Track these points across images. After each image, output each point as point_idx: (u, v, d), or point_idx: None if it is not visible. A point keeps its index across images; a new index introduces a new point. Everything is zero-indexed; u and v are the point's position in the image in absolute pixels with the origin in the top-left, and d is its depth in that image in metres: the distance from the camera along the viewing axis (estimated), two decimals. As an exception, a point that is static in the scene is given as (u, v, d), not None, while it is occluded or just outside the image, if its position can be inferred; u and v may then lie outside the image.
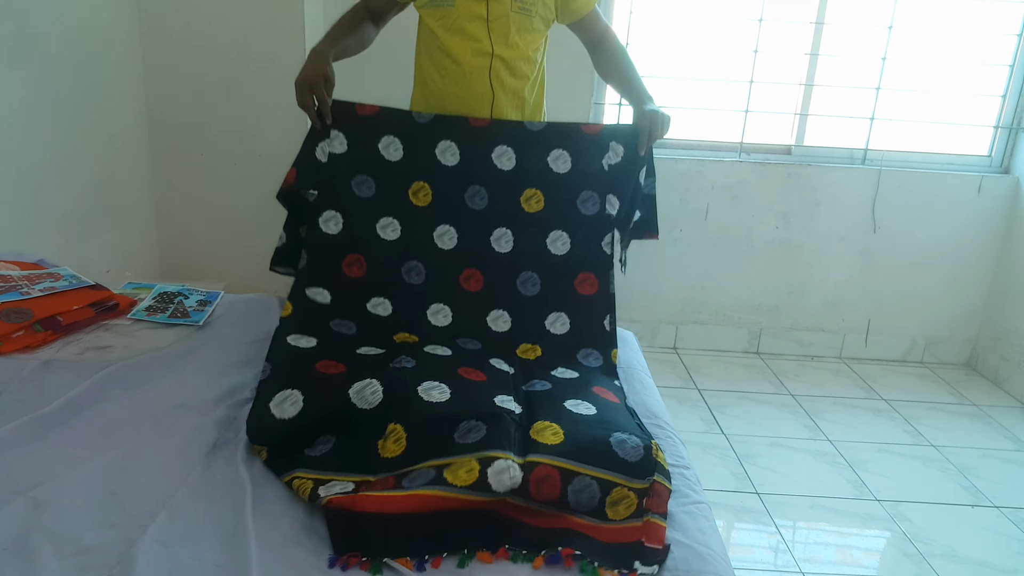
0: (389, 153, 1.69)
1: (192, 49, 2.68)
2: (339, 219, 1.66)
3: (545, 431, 1.22)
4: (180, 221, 2.88)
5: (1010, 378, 3.09)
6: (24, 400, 1.32)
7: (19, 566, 0.93)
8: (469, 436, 1.20)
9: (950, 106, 3.17)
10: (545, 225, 1.71)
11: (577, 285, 1.71)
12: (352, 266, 1.66)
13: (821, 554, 1.98)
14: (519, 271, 1.70)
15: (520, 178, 1.71)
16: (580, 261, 1.71)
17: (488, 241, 1.70)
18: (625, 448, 1.20)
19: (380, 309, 1.64)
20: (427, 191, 1.70)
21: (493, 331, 1.65)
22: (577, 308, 1.69)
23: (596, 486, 1.14)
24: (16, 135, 2.08)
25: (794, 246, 3.24)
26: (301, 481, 1.15)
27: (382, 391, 1.31)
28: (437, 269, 1.69)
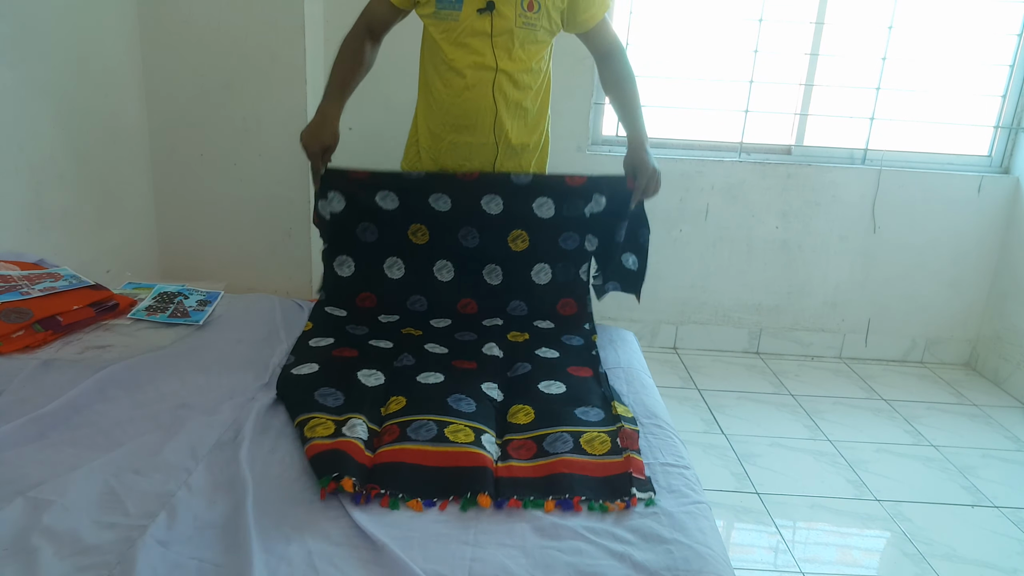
0: (386, 204, 1.85)
1: (192, 49, 2.68)
2: (350, 263, 1.88)
3: (518, 413, 1.40)
4: (180, 221, 2.88)
5: (1010, 378, 3.09)
6: (24, 400, 1.32)
7: (19, 566, 0.93)
8: (461, 405, 1.39)
9: (950, 106, 3.17)
10: (530, 260, 1.88)
11: (560, 308, 1.89)
12: (365, 300, 1.87)
13: (821, 554, 1.98)
14: (508, 300, 1.89)
15: (507, 220, 1.86)
16: (560, 289, 1.88)
17: (481, 274, 1.89)
18: (588, 415, 1.40)
19: (389, 318, 1.84)
20: (424, 231, 1.86)
21: (487, 327, 1.82)
22: (561, 324, 1.86)
23: (568, 435, 1.31)
24: (16, 135, 2.08)
25: (794, 246, 3.24)
26: (320, 421, 1.30)
27: (384, 379, 1.48)
28: (437, 300, 1.88)
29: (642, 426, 1.47)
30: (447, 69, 1.80)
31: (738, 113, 3.14)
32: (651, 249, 1.91)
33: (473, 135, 1.85)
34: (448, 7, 1.74)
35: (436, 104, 1.86)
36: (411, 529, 1.08)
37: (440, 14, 1.75)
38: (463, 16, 1.73)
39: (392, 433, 1.29)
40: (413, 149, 1.98)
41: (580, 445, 1.29)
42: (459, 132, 1.86)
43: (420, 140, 1.95)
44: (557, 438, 1.31)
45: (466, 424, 1.32)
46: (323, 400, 1.38)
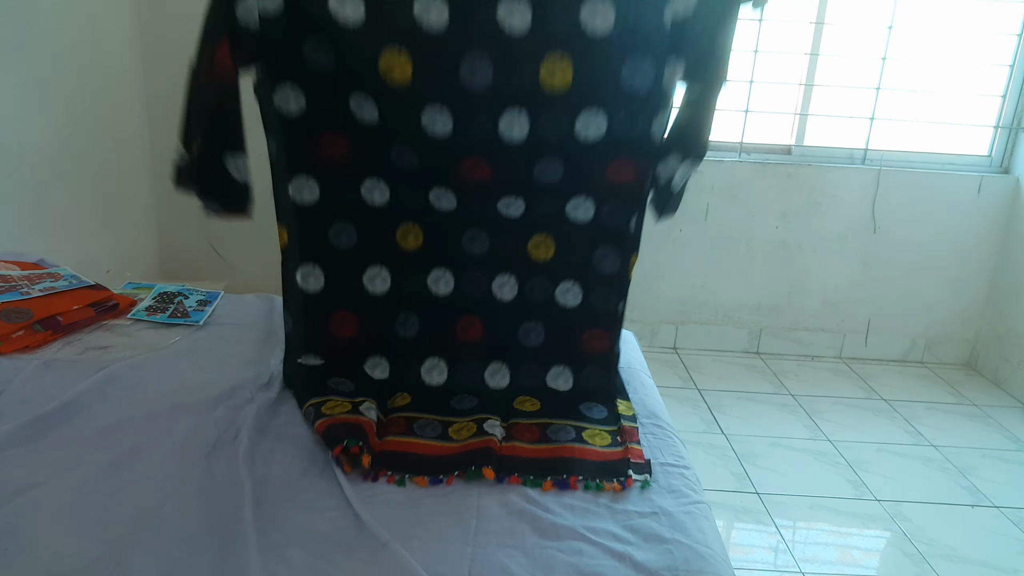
0: (345, 12, 1.24)
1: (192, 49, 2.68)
2: (299, 94, 1.30)
3: (525, 403, 1.42)
4: (180, 221, 2.88)
5: (1010, 378, 3.09)
6: (24, 400, 1.33)
7: (18, 566, 0.93)
8: (464, 404, 1.40)
9: (950, 106, 3.17)
10: (574, 106, 1.30)
11: (610, 173, 1.35)
12: (332, 146, 1.34)
13: (821, 554, 1.98)
14: (536, 159, 1.34)
15: (539, 42, 1.25)
16: (616, 146, 1.34)
17: (496, 129, 1.31)
18: (591, 411, 1.41)
19: (377, 196, 1.40)
20: (405, 64, 1.24)
21: (504, 217, 1.40)
22: (607, 194, 1.38)
23: (571, 428, 1.34)
24: (16, 135, 2.08)
25: (794, 246, 3.24)
26: (337, 403, 1.32)
27: (389, 369, 1.47)
28: (432, 156, 1.34)
29: (642, 426, 1.47)
30: None
31: (738, 113, 3.14)
32: (651, 250, 1.89)
33: None
34: None
35: None
36: (412, 528, 1.08)
37: None
38: None
39: (399, 426, 1.32)
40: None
41: (582, 437, 1.32)
42: None
43: None
44: (560, 429, 1.33)
45: (469, 420, 1.34)
46: (337, 386, 1.40)
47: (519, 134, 1.32)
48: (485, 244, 1.45)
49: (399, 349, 1.49)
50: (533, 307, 1.49)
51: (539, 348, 1.51)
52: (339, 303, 1.46)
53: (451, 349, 1.49)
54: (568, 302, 1.49)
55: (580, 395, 1.47)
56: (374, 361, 1.49)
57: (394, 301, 1.48)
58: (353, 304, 1.47)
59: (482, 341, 1.49)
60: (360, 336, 1.47)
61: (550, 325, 1.50)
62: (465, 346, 1.49)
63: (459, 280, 1.48)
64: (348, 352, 1.47)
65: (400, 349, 1.49)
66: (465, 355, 1.50)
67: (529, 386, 1.49)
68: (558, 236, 1.43)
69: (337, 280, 1.45)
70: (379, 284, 1.46)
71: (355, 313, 1.47)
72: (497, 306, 1.48)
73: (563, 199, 1.40)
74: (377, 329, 1.48)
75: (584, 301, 1.49)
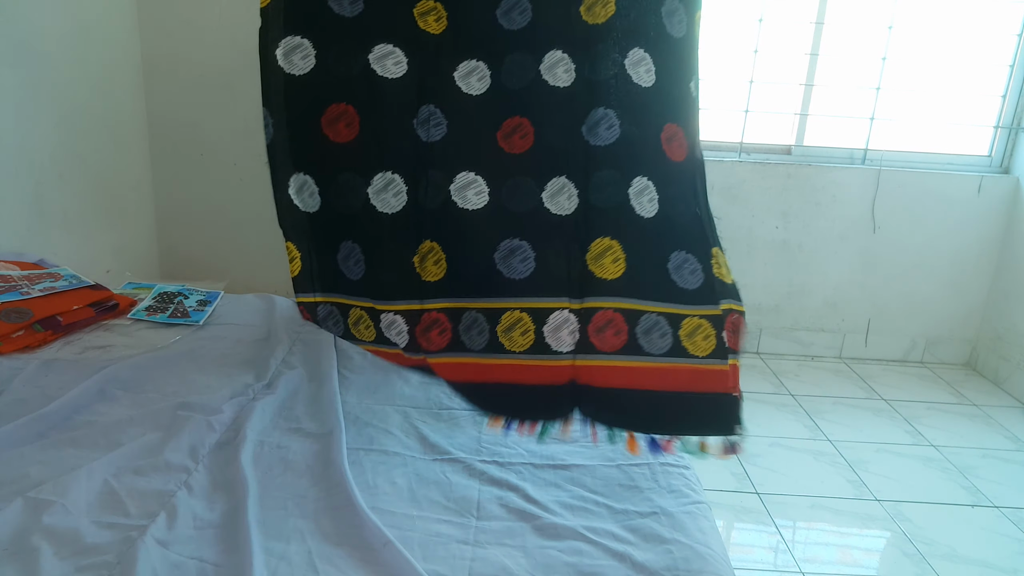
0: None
1: (192, 49, 2.68)
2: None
3: (605, 257, 1.07)
4: (180, 221, 2.88)
5: (1010, 378, 3.09)
6: (24, 400, 1.33)
7: (19, 566, 0.93)
8: (514, 264, 1.06)
9: (950, 106, 3.17)
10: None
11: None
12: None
13: (821, 554, 1.98)
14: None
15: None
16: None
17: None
18: (683, 274, 1.09)
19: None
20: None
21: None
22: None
23: (664, 321, 1.06)
24: (16, 135, 2.08)
25: (794, 246, 3.24)
26: (358, 315, 1.13)
27: (406, 192, 1.11)
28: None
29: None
30: None
31: (738, 113, 3.14)
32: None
33: None
34: None
35: None
36: (411, 529, 1.08)
37: None
38: None
39: (443, 331, 1.07)
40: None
41: (680, 341, 1.06)
42: None
43: None
44: (653, 325, 1.05)
45: (522, 303, 1.04)
46: (348, 270, 1.12)
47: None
48: (528, 12, 1.16)
49: (422, 154, 1.13)
50: (597, 90, 1.14)
51: (611, 148, 1.11)
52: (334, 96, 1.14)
53: (493, 160, 1.12)
54: (642, 79, 1.15)
55: (667, 235, 1.11)
56: (382, 177, 1.12)
57: (414, 96, 1.14)
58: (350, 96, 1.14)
59: (534, 149, 1.12)
60: (364, 134, 1.13)
61: (624, 113, 1.14)
62: (511, 157, 1.11)
63: (495, 74, 1.15)
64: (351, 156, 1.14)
65: (424, 153, 1.12)
66: (514, 168, 1.11)
67: (609, 205, 1.10)
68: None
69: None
70: (392, 66, 1.13)
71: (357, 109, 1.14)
72: (550, 94, 1.13)
73: None
74: (393, 129, 1.13)
75: (658, 79, 1.16)
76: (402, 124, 1.11)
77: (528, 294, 1.04)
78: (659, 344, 1.04)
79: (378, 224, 1.10)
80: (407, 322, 1.06)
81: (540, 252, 1.06)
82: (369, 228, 1.10)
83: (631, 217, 1.09)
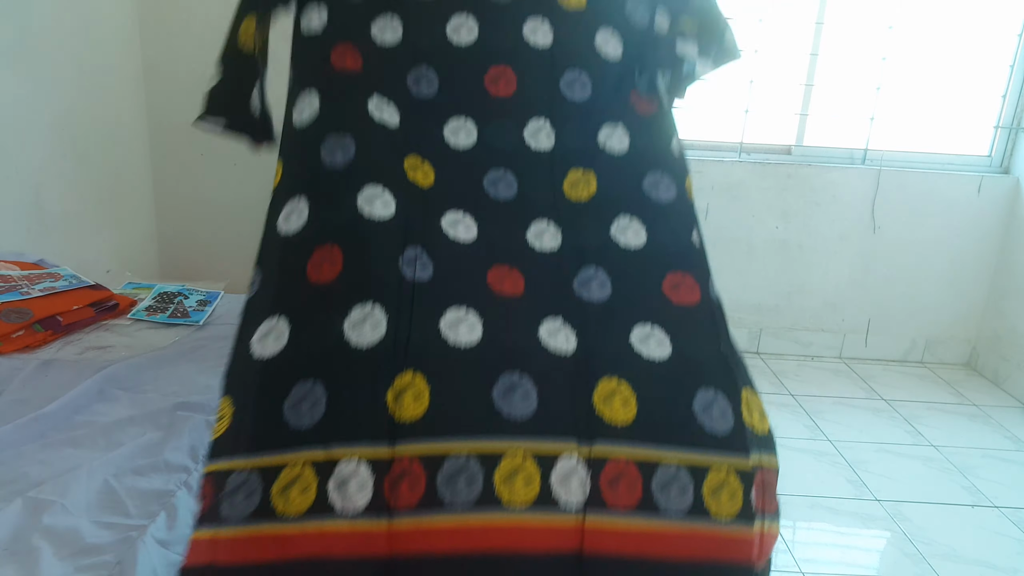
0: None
1: (192, 48, 2.68)
2: (323, 11, 1.32)
3: (613, 398, 0.95)
4: (180, 221, 2.88)
5: (1010, 378, 3.09)
6: (24, 400, 1.33)
7: (19, 566, 0.93)
8: (515, 401, 0.92)
9: (950, 106, 3.17)
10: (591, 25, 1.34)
11: (634, 101, 1.32)
12: (345, 57, 1.29)
13: (821, 554, 1.98)
14: (562, 71, 1.31)
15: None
16: (631, 75, 1.34)
17: (520, 34, 1.31)
18: (712, 416, 0.97)
19: (386, 115, 1.24)
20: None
21: (532, 150, 1.25)
22: (637, 128, 1.30)
23: (686, 474, 0.92)
24: (16, 135, 2.08)
25: (794, 246, 3.24)
26: (293, 473, 0.85)
27: (385, 322, 0.97)
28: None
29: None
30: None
31: (738, 113, 3.14)
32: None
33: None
34: None
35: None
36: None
37: None
38: None
39: (415, 483, 0.86)
40: None
41: (702, 499, 0.91)
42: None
43: None
44: (672, 478, 0.91)
45: (525, 445, 0.89)
46: (296, 417, 0.90)
47: (543, 40, 1.30)
48: (513, 187, 1.21)
49: (407, 290, 1.05)
50: (585, 253, 1.14)
51: (607, 303, 1.08)
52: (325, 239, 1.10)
53: (484, 299, 1.06)
54: (631, 242, 1.16)
55: (688, 375, 1.02)
56: (361, 310, 1.01)
57: (401, 237, 1.11)
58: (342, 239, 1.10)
59: (526, 295, 1.08)
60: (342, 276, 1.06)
61: (615, 272, 1.13)
62: (503, 298, 1.07)
63: (483, 225, 1.17)
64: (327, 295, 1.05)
65: (408, 290, 1.05)
66: (506, 308, 1.05)
67: (610, 353, 1.03)
68: (597, 168, 1.24)
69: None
70: (380, 208, 1.12)
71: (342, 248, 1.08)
72: (537, 256, 1.13)
73: (599, 120, 1.29)
74: (378, 264, 1.07)
75: (649, 239, 1.17)
76: (387, 260, 1.05)
77: (531, 433, 0.89)
78: (678, 502, 0.90)
79: (350, 358, 0.93)
80: (373, 471, 0.84)
81: (542, 388, 0.93)
82: (338, 364, 0.93)
83: (637, 361, 1.01)
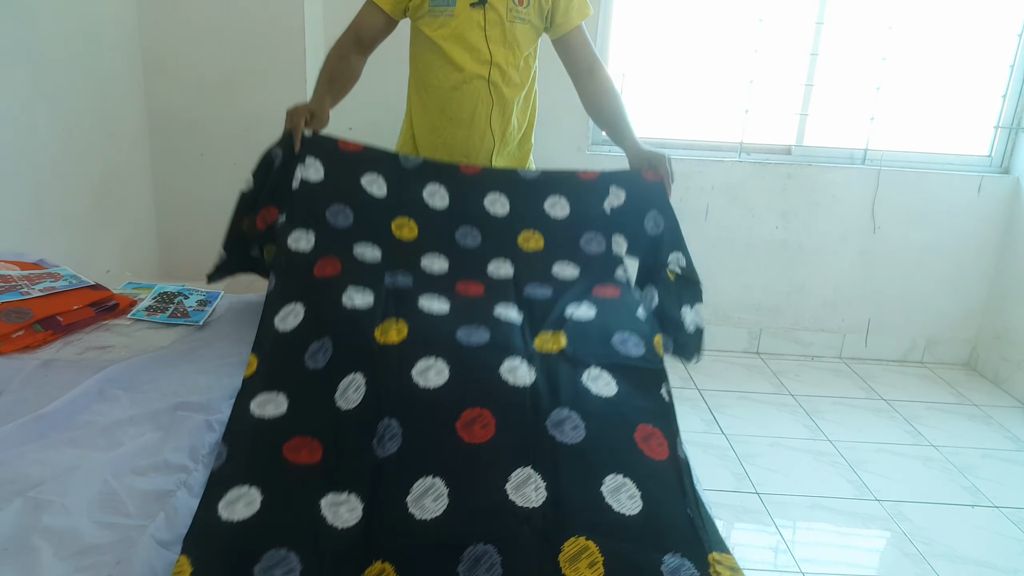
0: (372, 189, 1.57)
1: (192, 49, 2.68)
2: (310, 236, 1.47)
3: (580, 559, 0.94)
4: (180, 221, 2.88)
5: (1010, 378, 3.09)
6: (24, 400, 1.32)
7: (19, 566, 0.93)
8: (479, 574, 0.93)
9: (950, 106, 3.17)
10: (548, 260, 1.56)
11: (597, 292, 1.47)
12: (325, 268, 1.41)
13: (821, 554, 1.98)
14: (524, 286, 1.50)
15: (516, 221, 1.60)
16: (592, 280, 1.52)
17: (486, 270, 1.53)
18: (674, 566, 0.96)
19: (358, 299, 1.33)
20: (412, 226, 1.55)
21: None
22: (601, 305, 1.42)
23: None
24: (16, 135, 2.08)
25: (794, 246, 3.24)
26: None
27: (361, 510, 1.01)
28: (428, 283, 1.45)
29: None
30: (443, 64, 1.81)
31: (738, 113, 3.14)
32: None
33: (470, 128, 1.86)
34: (443, 3, 1.75)
35: (432, 100, 1.86)
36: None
37: (435, 11, 1.77)
38: (457, 11, 1.75)
39: None
40: (408, 146, 1.98)
41: None
42: (456, 126, 1.87)
43: (416, 135, 1.94)
44: None
45: None
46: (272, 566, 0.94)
47: (507, 272, 1.54)
48: (485, 336, 1.28)
49: (377, 472, 1.08)
50: (559, 395, 1.17)
51: (580, 444, 1.08)
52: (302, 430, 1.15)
53: (451, 458, 1.07)
54: (601, 391, 1.19)
55: (654, 537, 0.99)
56: (337, 496, 1.06)
57: (373, 413, 1.15)
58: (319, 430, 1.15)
59: (496, 437, 1.08)
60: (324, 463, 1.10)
61: (588, 415, 1.14)
62: (471, 447, 1.07)
63: (454, 369, 1.19)
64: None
65: (378, 472, 1.08)
66: (473, 463, 1.06)
67: (580, 504, 1.01)
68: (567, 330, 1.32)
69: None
70: (353, 394, 1.18)
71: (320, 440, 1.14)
72: (511, 392, 1.15)
73: (561, 309, 1.40)
74: (353, 456, 1.11)
75: (620, 390, 1.21)
76: (361, 446, 1.08)
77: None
78: None
79: (325, 539, 0.96)
80: None
81: (507, 557, 0.92)
82: (313, 542, 0.96)
83: (607, 515, 0.99)
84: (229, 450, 1.12)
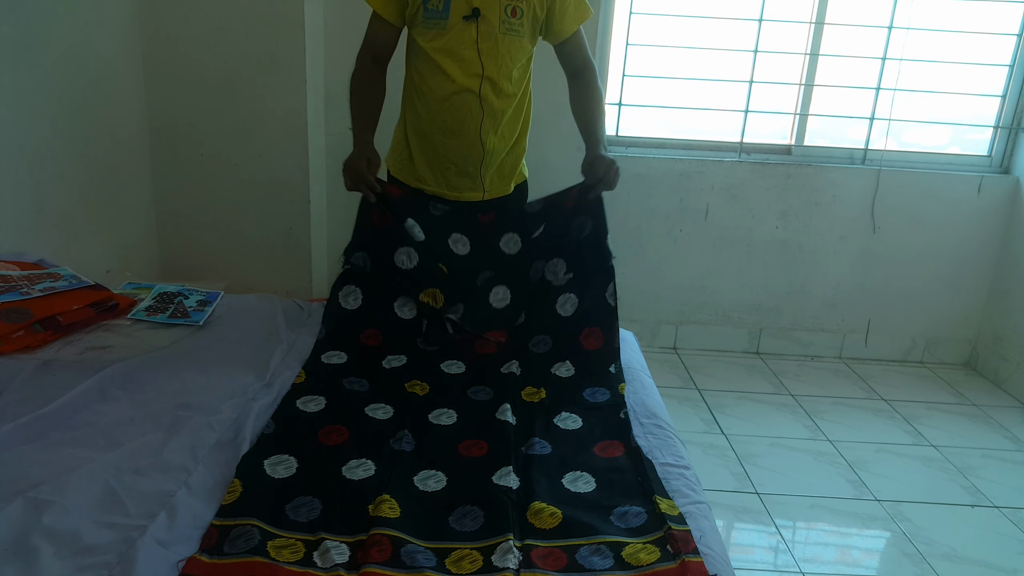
0: (415, 233, 1.81)
1: (192, 49, 2.68)
2: (358, 294, 1.79)
3: (542, 513, 1.17)
4: (180, 221, 2.88)
5: (1010, 378, 3.09)
6: (24, 400, 1.32)
7: (19, 566, 0.93)
8: (466, 522, 1.15)
9: (950, 106, 3.17)
10: (553, 293, 1.79)
11: (583, 341, 1.75)
12: (369, 338, 1.76)
13: (821, 554, 1.98)
14: (532, 335, 1.78)
15: (527, 255, 1.84)
16: (586, 317, 1.77)
17: (488, 300, 1.84)
18: (627, 519, 1.17)
19: (395, 362, 1.69)
20: (439, 294, 1.84)
21: (503, 376, 1.65)
22: (583, 366, 1.71)
23: (606, 548, 1.09)
24: (16, 135, 2.08)
25: (794, 246, 3.24)
26: (287, 542, 1.07)
27: (375, 470, 1.26)
28: (450, 339, 1.78)
29: (642, 426, 1.47)
30: (435, 74, 1.80)
31: (738, 113, 3.14)
32: (652, 249, 1.90)
33: (459, 138, 1.86)
34: (435, 16, 1.74)
35: (424, 109, 1.86)
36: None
37: (428, 22, 1.76)
38: (451, 24, 1.74)
39: (383, 549, 1.05)
40: (403, 152, 1.96)
41: (623, 560, 1.07)
42: (446, 135, 1.87)
43: (409, 137, 1.93)
44: (594, 551, 1.09)
45: (472, 547, 1.09)
46: (295, 514, 1.14)
47: (519, 319, 1.82)
48: (490, 393, 1.60)
49: (391, 456, 1.35)
50: (533, 429, 1.46)
51: (548, 456, 1.36)
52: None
53: (452, 462, 1.34)
54: (568, 426, 1.50)
55: (609, 499, 1.23)
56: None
57: (395, 428, 1.44)
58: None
59: (488, 455, 1.36)
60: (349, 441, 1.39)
61: (556, 442, 1.42)
62: (468, 459, 1.35)
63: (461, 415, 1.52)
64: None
65: (392, 456, 1.33)
66: (468, 466, 1.33)
67: (544, 488, 1.25)
68: (547, 387, 1.63)
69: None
70: (381, 412, 1.50)
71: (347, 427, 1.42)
72: (499, 425, 1.44)
73: (550, 365, 1.71)
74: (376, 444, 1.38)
75: (584, 425, 1.49)
76: (381, 440, 1.37)
77: (476, 539, 1.12)
78: (601, 563, 1.07)
79: (344, 487, 1.21)
80: (351, 548, 1.08)
81: (487, 512, 1.17)
82: (333, 491, 1.20)
83: (566, 495, 1.25)
84: (276, 427, 1.37)
